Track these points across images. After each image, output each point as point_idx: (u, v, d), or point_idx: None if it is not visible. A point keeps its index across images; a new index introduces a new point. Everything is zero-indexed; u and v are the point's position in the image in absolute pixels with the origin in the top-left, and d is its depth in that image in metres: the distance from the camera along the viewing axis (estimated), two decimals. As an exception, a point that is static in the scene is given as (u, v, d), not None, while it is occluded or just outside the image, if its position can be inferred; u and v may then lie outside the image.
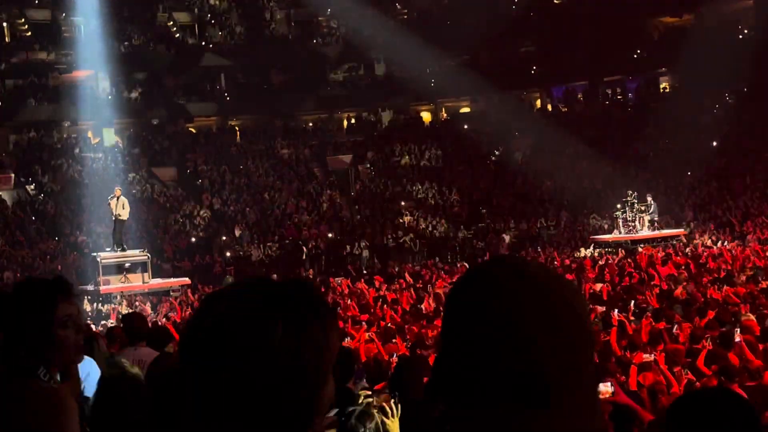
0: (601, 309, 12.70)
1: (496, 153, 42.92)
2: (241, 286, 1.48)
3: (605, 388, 6.47)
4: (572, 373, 1.28)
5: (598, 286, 16.97)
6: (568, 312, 1.29)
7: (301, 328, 1.43)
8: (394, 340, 11.72)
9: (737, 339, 9.07)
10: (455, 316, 1.34)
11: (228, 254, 33.54)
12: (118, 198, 25.48)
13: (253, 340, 1.39)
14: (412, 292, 19.57)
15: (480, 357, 1.29)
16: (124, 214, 25.66)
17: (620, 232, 29.42)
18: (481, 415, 1.29)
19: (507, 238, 34.13)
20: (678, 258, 22.43)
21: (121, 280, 25.43)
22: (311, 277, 29.63)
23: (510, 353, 1.27)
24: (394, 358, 9.68)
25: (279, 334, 1.40)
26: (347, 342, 11.48)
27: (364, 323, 14.17)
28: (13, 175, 37.94)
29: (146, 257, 26.60)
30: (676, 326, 10.59)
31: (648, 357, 8.56)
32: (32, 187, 37.54)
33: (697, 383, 7.98)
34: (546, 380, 1.26)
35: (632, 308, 12.51)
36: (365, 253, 33.37)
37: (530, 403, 1.27)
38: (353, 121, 47.93)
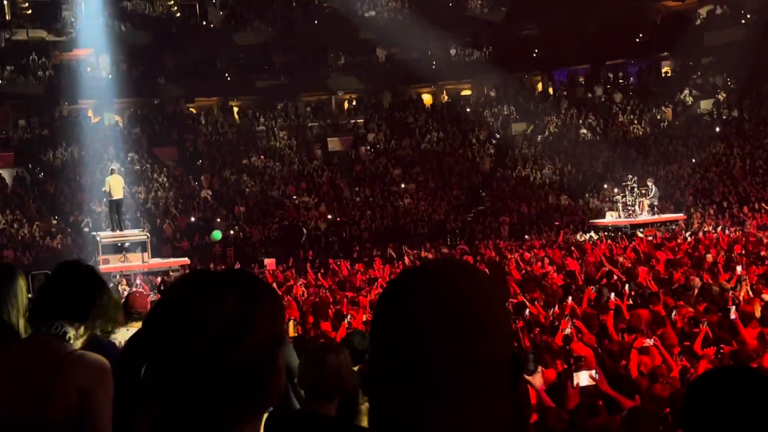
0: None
1: (497, 136, 42.89)
2: (196, 271, 1.62)
3: (588, 377, 6.51)
4: (466, 370, 1.35)
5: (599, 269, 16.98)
6: (463, 314, 1.36)
7: (254, 303, 1.54)
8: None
9: (733, 316, 9.13)
10: (374, 323, 1.46)
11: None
12: (113, 176, 25.50)
13: (205, 312, 1.50)
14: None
15: (383, 356, 1.40)
16: (119, 192, 25.68)
17: (620, 216, 29.44)
18: (382, 410, 1.39)
19: (507, 221, 34.16)
20: (675, 242, 22.44)
21: (121, 260, 25.44)
22: (311, 258, 29.68)
23: (404, 353, 1.36)
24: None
25: (231, 306, 1.51)
26: (347, 323, 11.50)
27: (360, 305, 14.22)
28: (12, 153, 37.93)
29: (146, 237, 26.60)
30: (674, 311, 10.61)
31: (648, 342, 8.58)
32: (32, 165, 37.52)
33: (691, 369, 8.01)
34: (436, 377, 1.34)
35: (627, 292, 12.51)
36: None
37: (423, 400, 1.35)
38: (354, 102, 47.83)
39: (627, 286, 13.03)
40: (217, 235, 30.46)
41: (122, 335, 6.54)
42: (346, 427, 3.41)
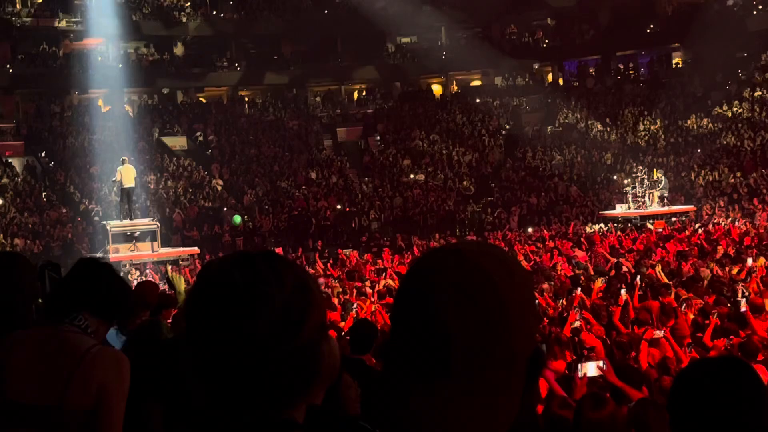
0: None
1: (507, 127, 42.80)
2: (246, 252, 1.53)
3: (596, 367, 6.50)
4: (482, 354, 1.30)
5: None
6: (488, 301, 1.31)
7: (308, 284, 1.49)
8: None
9: (743, 309, 9.12)
10: (395, 299, 1.40)
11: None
12: (124, 166, 25.63)
13: (265, 294, 1.43)
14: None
15: (399, 335, 1.34)
16: (131, 181, 25.78)
17: (630, 208, 29.38)
18: (391, 390, 1.34)
19: (516, 212, 34.13)
20: (684, 234, 22.39)
21: (131, 249, 25.52)
22: (320, 248, 29.73)
23: (422, 330, 1.31)
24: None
25: (291, 285, 1.45)
26: (355, 312, 11.53)
27: (368, 294, 14.23)
28: (23, 142, 38.04)
29: (155, 226, 26.67)
30: (684, 304, 10.58)
31: (658, 333, 8.57)
32: (42, 154, 37.62)
33: (701, 360, 7.97)
34: (448, 364, 1.29)
35: (639, 283, 12.48)
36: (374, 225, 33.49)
37: (434, 381, 1.30)
38: (364, 93, 47.78)
39: (638, 278, 12.99)
40: (237, 219, 31.07)
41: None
42: (334, 416, 3.42)
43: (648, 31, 44.38)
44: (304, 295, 1.47)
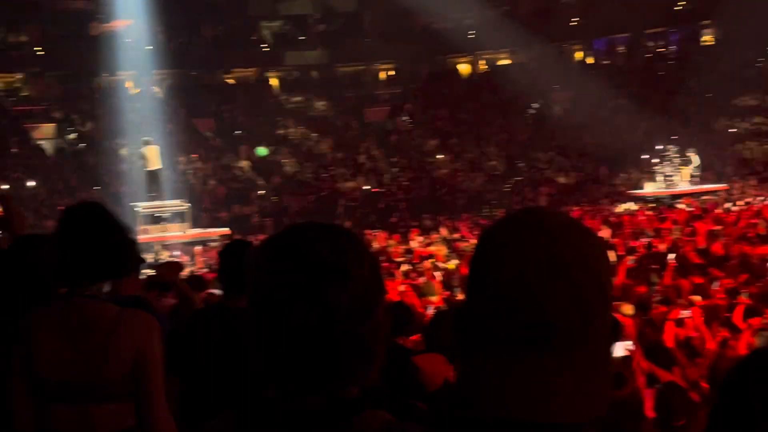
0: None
1: (535, 106, 42.50)
2: (327, 225, 1.51)
3: (623, 347, 6.46)
4: (580, 326, 1.26)
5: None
6: (581, 266, 1.26)
7: (378, 270, 1.50)
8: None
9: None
10: (474, 263, 1.33)
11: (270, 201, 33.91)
12: (148, 147, 25.74)
13: (349, 272, 1.42)
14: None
15: (489, 305, 1.28)
16: (157, 163, 25.88)
17: (659, 187, 29.15)
18: (484, 363, 1.28)
19: (545, 191, 33.97)
20: (714, 213, 22.18)
21: (161, 230, 25.66)
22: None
23: (518, 301, 1.25)
24: (430, 311, 9.73)
25: (368, 268, 1.45)
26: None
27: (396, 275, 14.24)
28: (53, 124, 38.34)
29: (185, 207, 26.78)
30: (715, 283, 10.50)
31: (685, 313, 8.51)
32: (73, 136, 37.90)
33: (731, 341, 7.92)
34: (550, 330, 1.25)
35: (672, 263, 12.37)
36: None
37: (533, 352, 1.25)
38: (391, 73, 47.65)
39: (671, 257, 12.86)
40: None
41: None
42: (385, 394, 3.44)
43: (678, 8, 43.80)
44: (377, 277, 1.47)
